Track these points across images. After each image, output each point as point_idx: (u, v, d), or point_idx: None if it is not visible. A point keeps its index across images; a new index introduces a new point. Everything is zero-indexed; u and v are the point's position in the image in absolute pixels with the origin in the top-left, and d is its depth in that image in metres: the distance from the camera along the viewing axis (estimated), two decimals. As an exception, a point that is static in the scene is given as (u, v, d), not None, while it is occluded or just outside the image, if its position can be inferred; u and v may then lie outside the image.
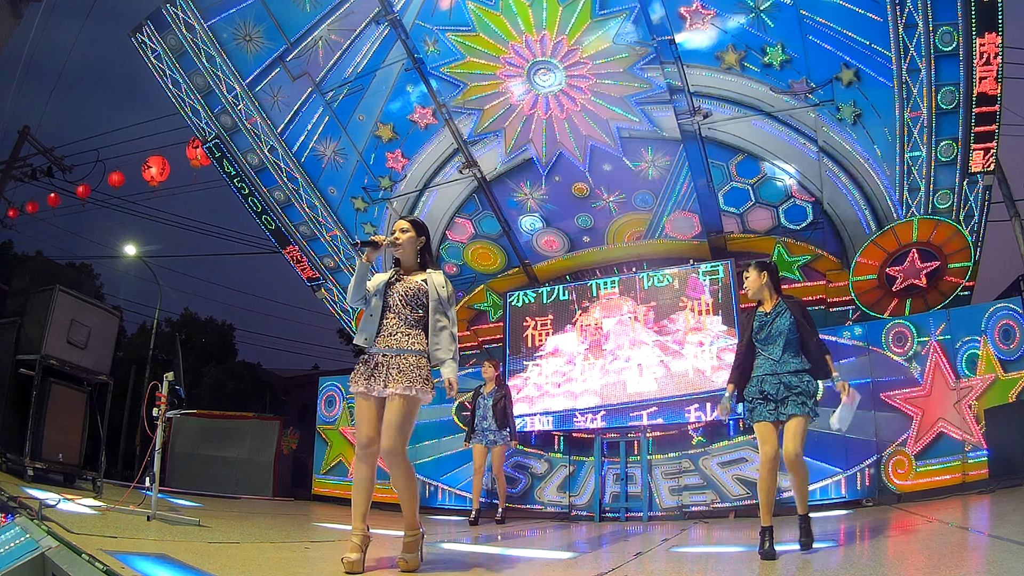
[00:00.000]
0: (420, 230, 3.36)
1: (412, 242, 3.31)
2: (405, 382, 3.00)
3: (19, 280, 7.05)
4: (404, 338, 3.12)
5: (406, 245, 3.30)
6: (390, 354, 3.09)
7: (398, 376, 3.01)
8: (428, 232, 3.42)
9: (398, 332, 3.14)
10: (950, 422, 6.46)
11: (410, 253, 3.33)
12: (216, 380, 21.04)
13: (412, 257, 3.34)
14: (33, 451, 5.80)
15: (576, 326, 8.65)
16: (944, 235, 7.05)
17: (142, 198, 14.72)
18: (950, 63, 6.43)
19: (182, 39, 8.26)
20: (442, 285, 3.25)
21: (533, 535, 5.63)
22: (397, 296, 3.19)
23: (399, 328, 3.14)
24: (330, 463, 9.82)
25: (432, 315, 3.18)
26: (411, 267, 3.35)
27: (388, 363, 3.07)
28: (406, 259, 3.34)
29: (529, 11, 7.24)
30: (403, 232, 3.30)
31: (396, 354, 3.09)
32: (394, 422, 2.98)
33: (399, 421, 2.98)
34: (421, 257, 3.37)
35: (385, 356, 3.09)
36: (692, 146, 7.86)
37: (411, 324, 3.17)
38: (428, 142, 8.73)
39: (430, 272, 3.31)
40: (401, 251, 3.31)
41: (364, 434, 3.07)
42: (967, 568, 2.67)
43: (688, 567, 3.42)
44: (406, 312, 3.17)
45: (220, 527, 4.62)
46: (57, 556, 2.52)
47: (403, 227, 3.32)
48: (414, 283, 3.23)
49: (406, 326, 3.15)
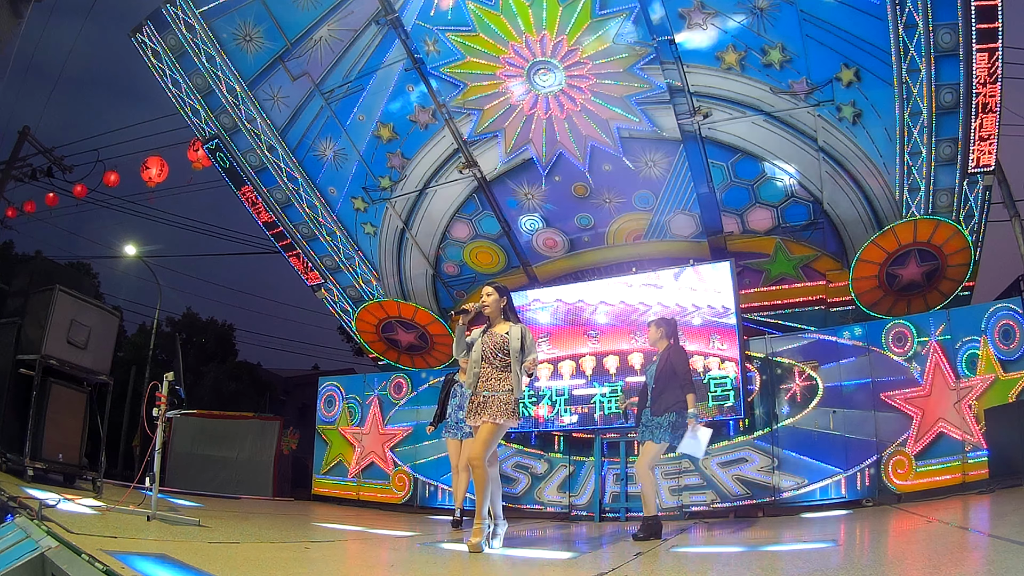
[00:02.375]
0: (502, 292, 4.24)
1: (496, 303, 4.19)
2: (492, 413, 3.94)
3: (19, 280, 7.03)
4: (496, 382, 4.02)
5: (492, 305, 4.19)
6: (488, 395, 4.00)
7: (489, 409, 3.96)
8: (509, 293, 4.32)
9: (492, 378, 4.04)
10: (950, 422, 6.46)
11: (495, 311, 4.20)
12: (216, 380, 21.02)
13: (497, 314, 4.21)
14: (33, 451, 5.79)
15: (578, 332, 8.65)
16: (944, 235, 7.05)
17: (142, 198, 14.72)
18: (950, 63, 6.43)
19: (182, 39, 8.25)
20: (517, 338, 4.03)
21: (533, 535, 5.63)
22: (488, 348, 4.07)
23: (492, 374, 4.04)
24: (330, 463, 9.82)
25: (515, 360, 4.01)
26: (496, 321, 4.20)
27: (485, 400, 4.00)
28: (492, 315, 4.21)
29: (529, 11, 7.23)
30: (488, 296, 4.20)
31: (491, 395, 3.99)
32: (481, 439, 3.93)
33: (486, 438, 3.92)
34: (504, 313, 4.21)
35: (484, 397, 4.01)
36: (692, 146, 7.86)
37: (500, 369, 4.04)
38: (428, 142, 8.73)
39: (511, 325, 4.13)
40: (489, 310, 4.20)
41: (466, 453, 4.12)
42: (967, 568, 2.67)
43: (688, 567, 3.42)
44: (496, 361, 4.05)
45: (220, 527, 4.62)
46: (57, 556, 2.52)
47: (488, 292, 4.22)
48: (499, 335, 4.09)
49: (497, 371, 4.04)
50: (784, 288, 8.32)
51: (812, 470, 7.02)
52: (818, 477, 6.94)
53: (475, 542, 3.77)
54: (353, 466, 9.56)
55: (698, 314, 7.99)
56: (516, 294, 9.26)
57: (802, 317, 8.13)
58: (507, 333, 4.07)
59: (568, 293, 8.89)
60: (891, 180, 7.29)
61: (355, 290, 9.92)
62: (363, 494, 9.34)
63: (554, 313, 8.88)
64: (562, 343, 8.71)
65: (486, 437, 3.92)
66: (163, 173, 11.52)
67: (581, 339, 8.60)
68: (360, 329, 10.02)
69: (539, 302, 9.05)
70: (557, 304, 8.90)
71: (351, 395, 9.99)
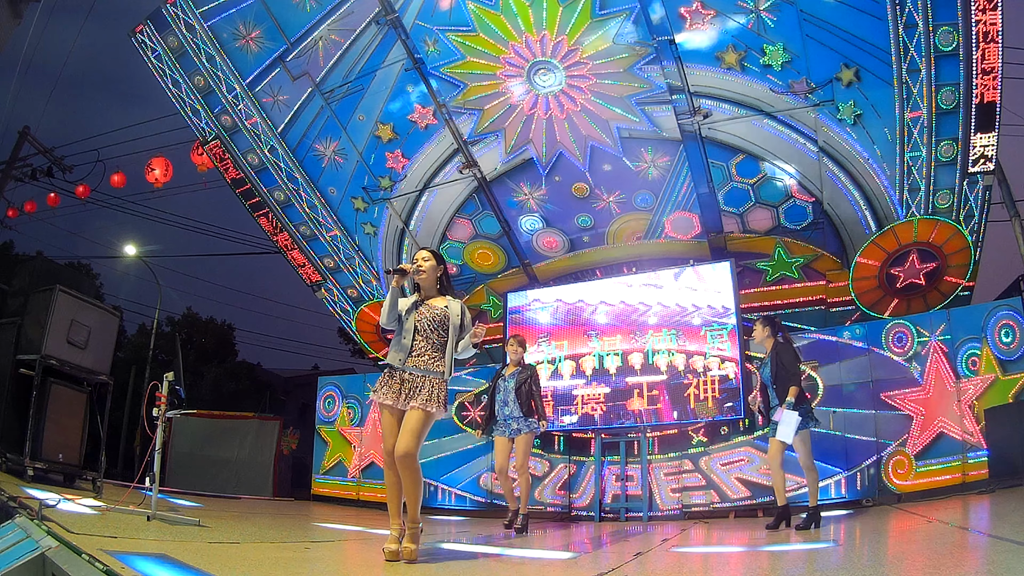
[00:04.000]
0: (439, 259, 3.76)
1: (433, 270, 3.69)
2: (425, 399, 3.40)
3: (19, 280, 7.04)
4: (431, 361, 3.52)
5: (429, 272, 3.67)
6: (417, 373, 3.48)
7: (421, 394, 3.42)
8: (445, 261, 3.83)
9: (425, 354, 3.52)
10: (950, 422, 6.46)
11: (431, 280, 3.70)
12: (216, 380, 21.02)
13: (432, 283, 3.71)
14: (33, 451, 5.79)
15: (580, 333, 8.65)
16: (944, 235, 7.05)
17: (142, 198, 14.73)
18: (950, 63, 6.42)
19: (182, 39, 8.25)
20: (457, 315, 3.62)
21: (533, 535, 5.62)
22: (425, 320, 3.56)
23: (426, 350, 3.53)
24: (330, 463, 9.82)
25: (452, 339, 3.57)
26: (431, 293, 3.71)
27: (414, 381, 3.46)
28: (427, 285, 3.70)
29: (529, 11, 7.23)
30: (425, 261, 3.69)
31: (423, 374, 3.48)
32: (412, 429, 3.36)
33: (417, 428, 3.36)
34: (440, 283, 3.74)
35: (412, 374, 3.48)
36: (692, 146, 7.86)
37: (437, 347, 3.55)
38: (428, 142, 8.73)
39: (449, 299, 3.69)
40: (423, 277, 3.68)
41: (391, 444, 3.43)
42: (967, 568, 2.67)
43: (688, 567, 3.42)
44: (433, 336, 3.56)
45: (220, 527, 4.62)
46: (57, 556, 2.52)
47: (425, 256, 3.71)
48: (438, 308, 3.61)
49: (432, 349, 3.54)
50: (784, 288, 8.32)
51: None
52: (818, 477, 6.94)
53: (412, 548, 3.28)
54: (353, 466, 9.56)
55: (698, 314, 7.99)
56: (516, 294, 9.28)
57: (802, 317, 8.13)
58: (446, 307, 3.62)
59: (568, 293, 8.89)
60: (891, 180, 7.29)
61: (355, 290, 9.93)
62: (363, 494, 9.34)
63: (554, 313, 8.88)
64: (562, 343, 8.71)
65: (418, 427, 3.35)
66: (168, 174, 11.53)
67: (581, 339, 8.60)
68: (360, 329, 10.02)
69: (539, 302, 9.05)
70: (557, 304, 8.90)
71: (351, 395, 10.00)
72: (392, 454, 3.38)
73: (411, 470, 3.35)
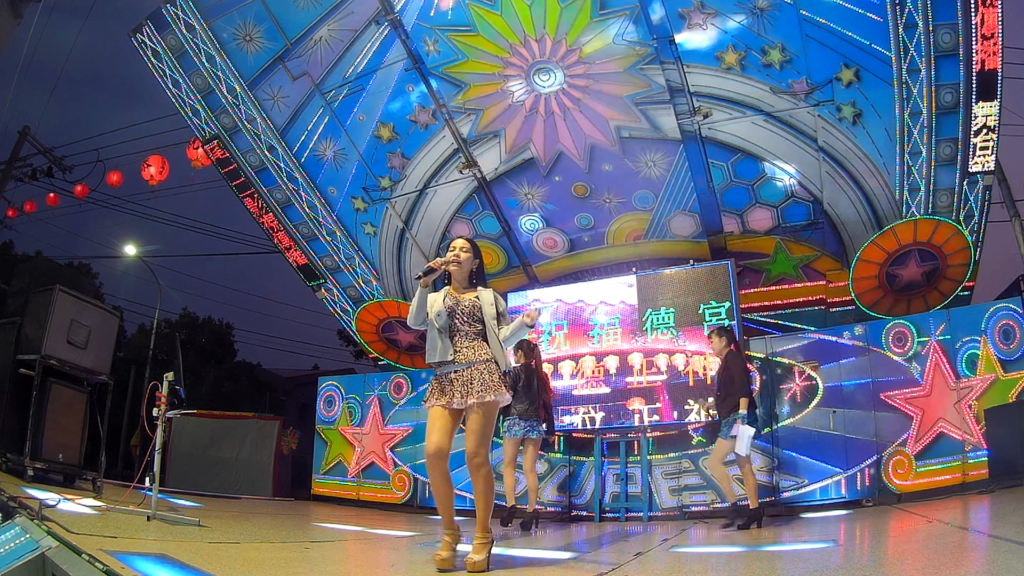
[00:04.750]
0: (476, 251, 3.53)
1: (469, 262, 3.46)
2: (481, 390, 3.17)
3: (19, 280, 7.04)
4: (471, 352, 3.29)
5: (464, 264, 3.44)
6: (462, 368, 3.26)
7: (475, 386, 3.19)
8: (481, 254, 3.58)
9: (463, 347, 3.30)
10: (950, 422, 6.46)
11: (465, 272, 3.46)
12: (216, 380, 21.02)
13: (466, 275, 3.47)
14: (33, 451, 5.79)
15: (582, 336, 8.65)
16: (944, 235, 7.05)
17: (142, 198, 14.73)
18: (950, 63, 6.42)
19: (182, 39, 8.26)
20: (491, 303, 3.39)
21: (533, 535, 5.62)
22: (458, 316, 3.33)
23: (463, 344, 3.31)
24: (330, 463, 9.81)
25: (490, 326, 3.35)
26: (463, 284, 3.47)
27: (462, 377, 3.24)
28: (460, 277, 3.46)
29: (529, 11, 7.24)
30: (464, 252, 3.45)
31: (467, 367, 3.25)
32: (477, 429, 3.18)
33: (478, 428, 3.18)
34: (472, 276, 3.50)
35: (457, 372, 3.26)
36: (692, 146, 7.86)
37: (472, 337, 3.32)
38: (428, 142, 8.74)
39: (480, 290, 3.45)
40: (458, 269, 3.43)
41: (434, 442, 3.20)
42: (967, 568, 2.67)
43: (688, 567, 3.42)
44: (469, 329, 3.33)
45: (220, 527, 4.62)
46: (57, 556, 2.52)
47: (464, 246, 3.48)
48: (468, 301, 3.37)
49: (469, 340, 3.32)
50: (784, 288, 8.32)
51: (812, 470, 7.01)
52: (818, 477, 6.94)
53: (477, 559, 3.03)
54: (353, 466, 9.55)
55: (697, 314, 7.98)
56: (516, 294, 9.27)
57: (802, 317, 8.13)
58: (476, 297, 3.38)
59: (568, 293, 8.88)
60: (891, 180, 7.29)
61: (355, 290, 9.92)
62: (363, 494, 9.34)
63: (554, 313, 8.87)
64: (562, 343, 8.71)
65: (478, 427, 3.17)
66: (164, 172, 11.52)
67: (581, 339, 8.60)
68: (360, 329, 10.02)
69: (539, 302, 9.04)
70: (557, 304, 8.89)
71: (351, 395, 9.99)
72: (434, 455, 3.20)
73: (479, 475, 3.19)
